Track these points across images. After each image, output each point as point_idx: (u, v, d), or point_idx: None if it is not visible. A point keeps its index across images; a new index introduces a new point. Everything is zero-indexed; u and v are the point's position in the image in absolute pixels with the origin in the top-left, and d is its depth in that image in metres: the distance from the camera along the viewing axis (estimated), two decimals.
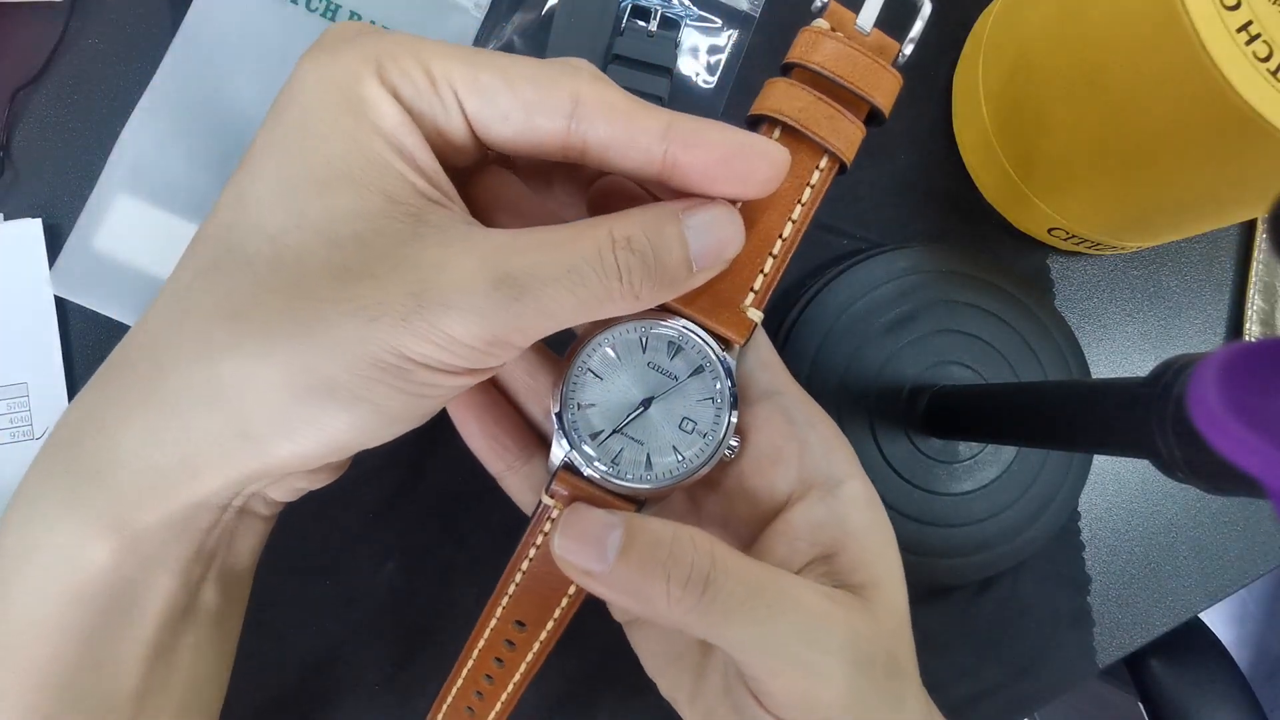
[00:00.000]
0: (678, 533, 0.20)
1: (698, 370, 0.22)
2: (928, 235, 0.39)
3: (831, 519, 0.22)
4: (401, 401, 0.18)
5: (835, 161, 0.21)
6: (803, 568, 0.22)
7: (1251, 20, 0.25)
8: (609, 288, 0.18)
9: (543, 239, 0.18)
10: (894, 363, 0.35)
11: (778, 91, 0.21)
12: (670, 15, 0.37)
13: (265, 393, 0.18)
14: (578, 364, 0.22)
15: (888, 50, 0.21)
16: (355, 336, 0.17)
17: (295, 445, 0.18)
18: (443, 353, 0.18)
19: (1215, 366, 0.15)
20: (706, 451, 0.22)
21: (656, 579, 0.19)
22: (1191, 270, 0.41)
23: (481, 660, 0.24)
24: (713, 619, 0.19)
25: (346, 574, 0.36)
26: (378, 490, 0.36)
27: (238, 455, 0.18)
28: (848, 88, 0.21)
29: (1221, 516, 0.40)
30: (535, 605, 0.23)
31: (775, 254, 0.21)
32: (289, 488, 0.22)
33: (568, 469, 0.22)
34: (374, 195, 0.18)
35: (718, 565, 0.19)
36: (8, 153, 0.35)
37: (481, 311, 0.17)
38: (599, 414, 0.22)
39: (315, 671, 0.36)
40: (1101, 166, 0.33)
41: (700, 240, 0.19)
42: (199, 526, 0.20)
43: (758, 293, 0.22)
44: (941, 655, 0.38)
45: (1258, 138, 0.25)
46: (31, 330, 0.34)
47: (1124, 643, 0.40)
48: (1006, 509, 0.36)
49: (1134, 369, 0.41)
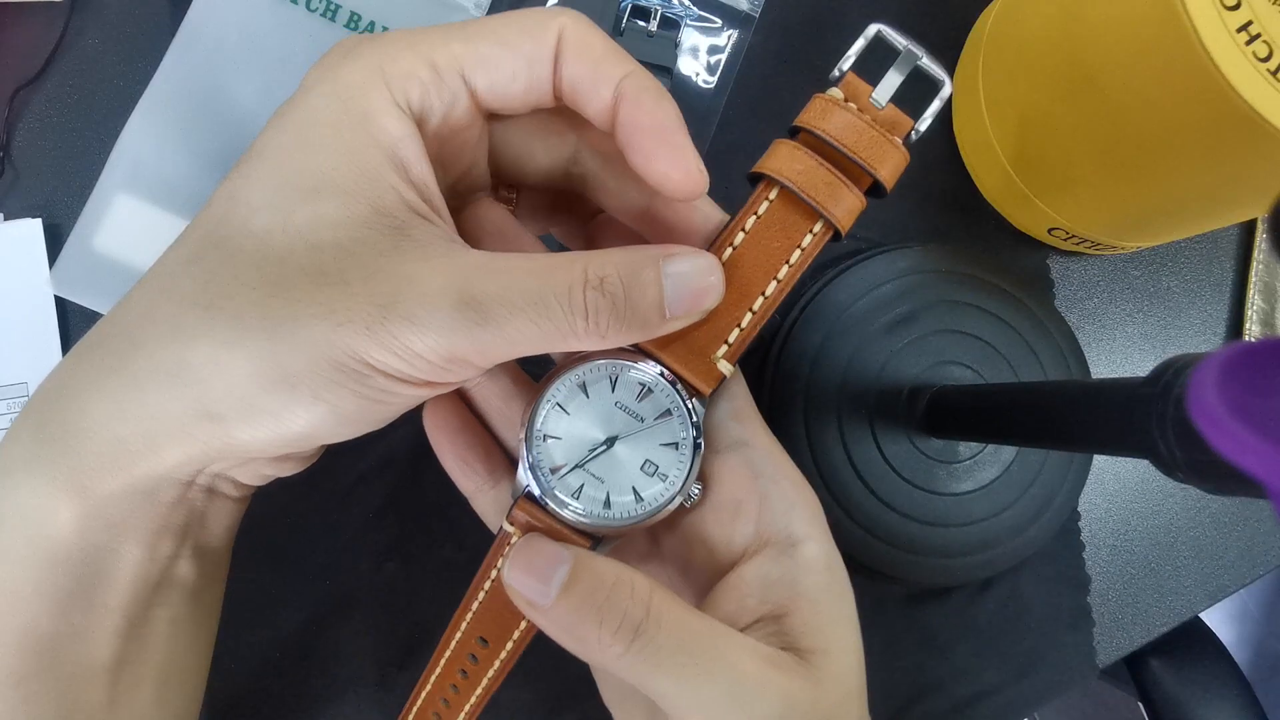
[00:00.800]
0: (620, 577, 0.20)
1: (665, 414, 0.22)
2: (928, 235, 0.39)
3: (784, 579, 0.22)
4: (358, 405, 0.19)
5: (829, 229, 0.21)
6: (750, 625, 0.22)
7: (1251, 20, 0.25)
8: (573, 325, 0.19)
9: (518, 265, 0.19)
10: (894, 363, 0.35)
11: (781, 153, 0.21)
12: (670, 15, 0.37)
13: (231, 378, 0.18)
14: (546, 396, 0.22)
15: (900, 126, 0.21)
16: (322, 338, 0.18)
17: (255, 432, 0.19)
18: (402, 363, 0.18)
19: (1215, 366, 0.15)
20: (665, 496, 0.22)
21: (590, 622, 0.19)
22: (1191, 270, 0.41)
23: (447, 671, 0.24)
24: (640, 669, 0.19)
25: (346, 574, 0.36)
26: (378, 490, 0.36)
27: (198, 434, 0.19)
28: (853, 159, 0.21)
29: (1221, 516, 0.40)
30: (496, 624, 0.23)
31: (755, 310, 0.21)
32: (254, 473, 0.22)
33: (529, 498, 0.22)
34: (361, 205, 0.19)
35: (652, 616, 0.19)
36: (8, 153, 0.35)
37: (442, 330, 0.18)
38: (562, 448, 0.22)
39: (316, 671, 0.36)
40: (1101, 166, 0.33)
41: (677, 288, 0.20)
42: (163, 500, 0.20)
43: (731, 345, 0.21)
44: (941, 655, 0.38)
45: (1258, 138, 0.25)
46: (31, 330, 0.34)
47: (1124, 643, 0.40)
48: (1006, 509, 0.36)
49: (1134, 369, 0.41)
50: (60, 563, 0.19)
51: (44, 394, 0.20)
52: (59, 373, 0.20)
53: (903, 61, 0.21)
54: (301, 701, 0.36)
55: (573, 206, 0.26)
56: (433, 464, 0.39)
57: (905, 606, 0.38)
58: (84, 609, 0.20)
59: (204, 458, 0.19)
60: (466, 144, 0.22)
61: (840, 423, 0.35)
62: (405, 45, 0.20)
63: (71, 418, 0.19)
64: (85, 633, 0.20)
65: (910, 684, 0.38)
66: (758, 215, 0.21)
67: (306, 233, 0.18)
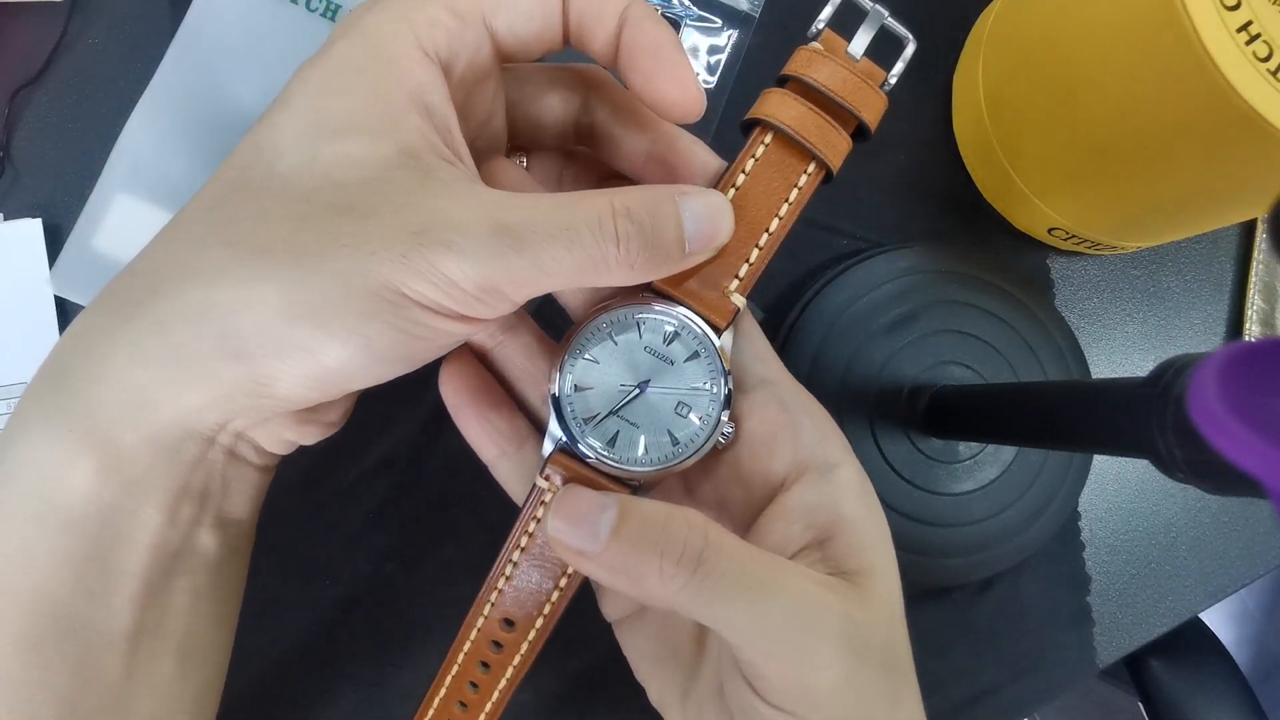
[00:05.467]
0: (671, 512, 0.20)
1: (693, 356, 0.22)
2: (928, 235, 0.39)
3: (826, 502, 0.22)
4: (392, 339, 0.18)
5: (822, 169, 0.23)
6: (797, 553, 0.22)
7: (1251, 20, 0.25)
8: (605, 252, 0.19)
9: (545, 199, 0.19)
10: (894, 363, 0.35)
11: (773, 100, 0.22)
12: (670, 15, 0.37)
13: (259, 314, 0.18)
14: (574, 346, 0.22)
15: (875, 76, 0.23)
16: (353, 269, 0.17)
17: (285, 369, 0.18)
18: (438, 292, 0.18)
19: (1215, 366, 0.15)
20: (701, 436, 0.22)
21: (649, 557, 0.19)
22: (1191, 270, 0.41)
23: (466, 666, 0.23)
24: (706, 597, 0.19)
25: (346, 574, 0.36)
26: (378, 490, 0.36)
27: (224, 375, 0.18)
28: (839, 103, 0.22)
29: (1221, 516, 0.40)
30: (524, 600, 0.23)
31: (761, 245, 0.22)
32: (277, 436, 0.21)
33: (562, 452, 0.22)
34: (387, 146, 0.19)
35: (711, 543, 0.19)
36: (8, 153, 0.35)
37: (478, 255, 0.18)
38: (595, 396, 0.22)
39: (316, 671, 0.36)
40: (1101, 166, 0.33)
41: (695, 223, 0.20)
42: (183, 458, 0.20)
43: (742, 279, 0.22)
44: (941, 655, 0.38)
45: (1258, 138, 0.25)
46: (31, 330, 0.34)
47: (1124, 643, 0.40)
48: (1006, 509, 0.36)
49: (1134, 369, 0.41)
50: (76, 523, 0.19)
51: (62, 346, 0.19)
52: (77, 324, 0.19)
53: (871, 20, 0.23)
54: (301, 701, 0.36)
55: (580, 175, 0.27)
56: (433, 463, 0.39)
57: (905, 606, 0.38)
58: (100, 573, 0.19)
59: (229, 405, 0.19)
60: (486, 94, 0.23)
61: (840, 423, 0.35)
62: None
63: (91, 366, 0.19)
64: (102, 598, 0.19)
65: None
66: (755, 158, 0.23)
67: (333, 171, 0.18)
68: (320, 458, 0.37)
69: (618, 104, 0.24)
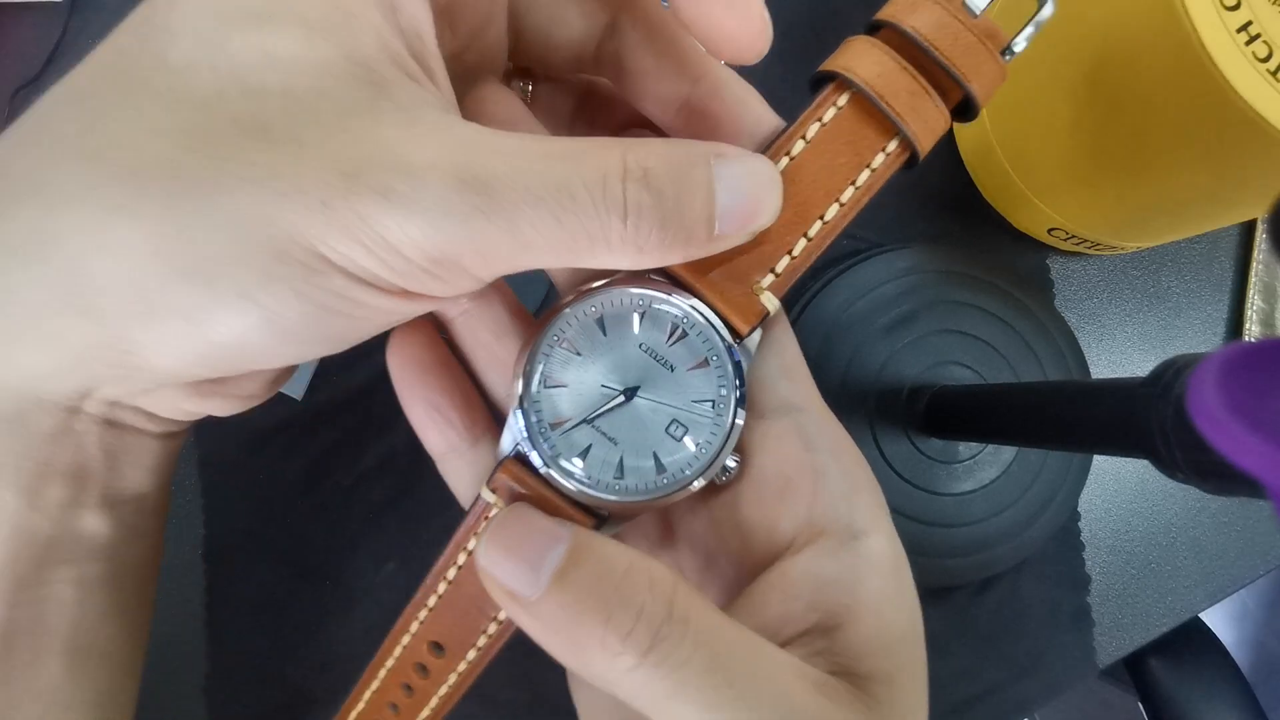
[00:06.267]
0: (635, 564, 0.15)
1: (701, 363, 0.18)
2: (928, 235, 0.39)
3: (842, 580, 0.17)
4: (304, 313, 0.14)
5: (906, 148, 0.18)
6: (795, 638, 0.17)
7: (1251, 20, 0.24)
8: (606, 227, 0.14)
9: (536, 145, 0.14)
10: (894, 363, 0.35)
11: (855, 49, 0.17)
12: None
13: (119, 259, 0.13)
14: (552, 331, 0.18)
15: (997, 39, 0.18)
16: (255, 213, 0.13)
17: (156, 338, 0.14)
18: (370, 258, 0.13)
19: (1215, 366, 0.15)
20: (695, 467, 0.17)
21: (593, 621, 0.14)
22: (1191, 270, 0.41)
23: (387, 685, 0.19)
24: (656, 689, 0.14)
25: (347, 574, 0.36)
26: (378, 490, 0.36)
27: (70, 337, 0.14)
28: (943, 63, 0.17)
29: (1221, 516, 0.40)
30: (457, 625, 0.18)
31: (810, 236, 0.17)
32: (170, 404, 0.17)
33: (518, 460, 0.17)
34: (327, 46, 0.14)
35: (675, 617, 0.15)
36: None
37: (433, 213, 0.13)
38: (569, 398, 0.17)
39: (316, 671, 0.36)
40: (1101, 166, 0.33)
41: (730, 196, 0.15)
42: (35, 430, 0.15)
43: (779, 276, 0.17)
44: (941, 655, 0.38)
45: (1258, 138, 0.25)
46: None
47: (1124, 643, 0.40)
48: (1006, 509, 0.36)
49: (1134, 369, 0.41)
50: None
51: None
52: None
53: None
54: (301, 701, 0.36)
55: (596, 115, 0.22)
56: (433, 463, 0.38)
57: None
58: None
59: (86, 372, 0.15)
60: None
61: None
62: None
63: None
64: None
65: None
66: (822, 123, 0.17)
67: (245, 73, 0.13)
68: (320, 458, 0.37)
69: (654, 29, 0.19)
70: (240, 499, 0.37)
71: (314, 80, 0.14)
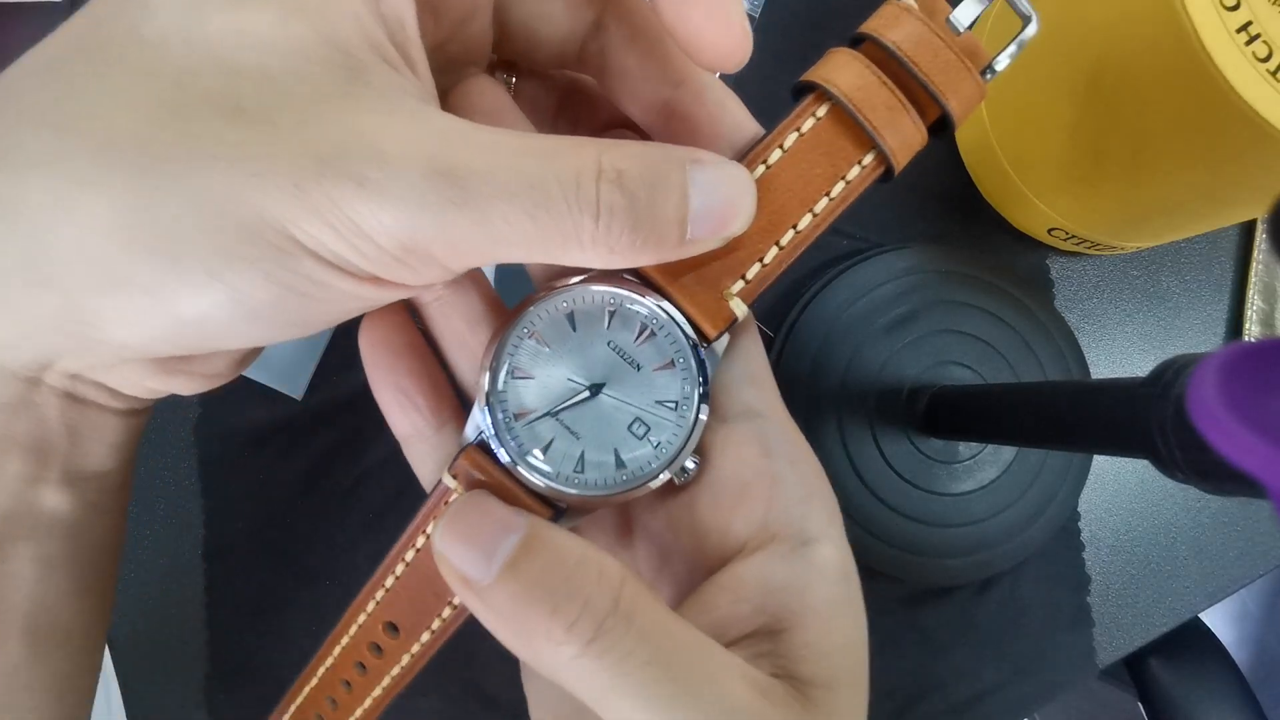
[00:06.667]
0: (585, 556, 0.16)
1: (667, 364, 0.18)
2: (928, 235, 0.39)
3: (791, 584, 0.17)
4: (272, 295, 0.14)
5: (881, 162, 0.18)
6: (740, 639, 0.17)
7: (1251, 20, 0.25)
8: (579, 225, 0.14)
9: (511, 141, 0.15)
10: (894, 363, 0.35)
11: (836, 61, 0.18)
12: None
13: (83, 230, 0.13)
14: (522, 322, 0.18)
15: (978, 57, 0.18)
16: (226, 190, 0.13)
17: (117, 311, 0.14)
18: (341, 243, 0.14)
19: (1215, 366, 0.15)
20: (653, 467, 0.18)
21: (539, 609, 0.15)
22: (1191, 270, 0.41)
23: (341, 662, 0.20)
24: (597, 680, 0.15)
25: (347, 574, 0.36)
26: (378, 490, 0.36)
27: (29, 303, 0.14)
28: (921, 79, 0.17)
29: (1221, 516, 0.41)
30: (413, 607, 0.19)
31: (782, 244, 0.18)
32: (131, 380, 0.17)
33: (480, 448, 0.18)
34: (304, 28, 0.14)
35: (621, 610, 0.15)
36: None
37: (404, 203, 0.13)
38: (534, 389, 0.18)
39: None
40: (1101, 166, 0.33)
41: (704, 201, 0.16)
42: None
43: (749, 282, 0.18)
44: (941, 655, 0.38)
45: (1258, 138, 0.25)
46: None
47: (1124, 643, 0.40)
48: (1006, 509, 0.36)
49: (1134, 369, 0.41)
50: None
51: None
52: None
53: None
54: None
55: (579, 112, 0.22)
56: None
57: (905, 606, 0.38)
58: None
59: (45, 343, 0.15)
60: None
61: (840, 423, 0.35)
62: None
63: None
64: None
65: (910, 684, 0.38)
66: (800, 132, 0.18)
67: (222, 51, 0.13)
68: (320, 458, 0.37)
69: (639, 30, 0.19)
70: (240, 499, 0.37)
71: (290, 62, 0.14)
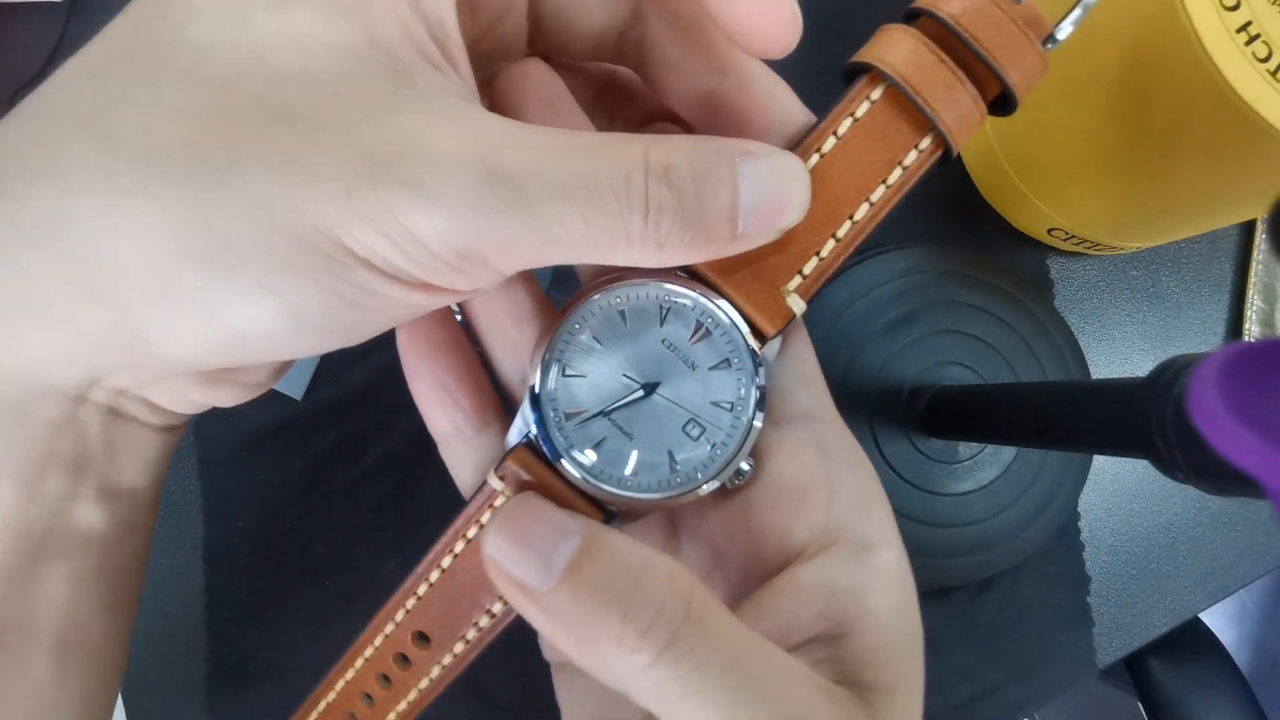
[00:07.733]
0: (651, 561, 0.15)
1: (722, 363, 0.17)
2: (928, 235, 0.39)
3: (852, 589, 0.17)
4: (324, 305, 0.14)
5: (940, 144, 0.17)
6: (802, 644, 0.17)
7: (1251, 20, 0.25)
8: (628, 223, 0.14)
9: (558, 140, 0.14)
10: (894, 363, 0.35)
11: (890, 39, 0.17)
12: None
13: (140, 244, 0.13)
14: (574, 319, 0.17)
15: (1039, 26, 0.17)
16: (278, 200, 0.13)
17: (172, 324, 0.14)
18: (394, 250, 0.13)
19: (1215, 366, 0.15)
20: (710, 469, 0.17)
21: (609, 616, 0.14)
22: (1191, 270, 0.41)
23: (363, 674, 0.19)
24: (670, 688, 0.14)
25: (347, 574, 0.36)
26: (378, 490, 0.36)
27: (85, 320, 0.14)
28: (981, 54, 0.16)
29: (1221, 516, 0.41)
30: (447, 615, 0.18)
31: (839, 236, 0.17)
32: (176, 395, 0.17)
33: (529, 448, 0.17)
34: (350, 29, 0.14)
35: (694, 617, 0.14)
36: None
37: (460, 206, 0.13)
38: (587, 389, 0.17)
39: (316, 672, 0.36)
40: (1101, 166, 0.33)
41: (755, 194, 0.15)
42: (40, 418, 0.15)
43: (807, 278, 0.17)
44: (941, 655, 0.38)
45: (1258, 138, 0.25)
46: None
47: (1124, 643, 0.40)
48: (1006, 509, 0.36)
49: (1134, 369, 0.41)
50: None
51: None
52: None
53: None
54: (301, 701, 0.36)
55: (616, 106, 0.21)
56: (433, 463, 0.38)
57: None
58: None
59: (97, 360, 0.14)
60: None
61: None
62: None
63: None
64: None
65: None
66: (855, 118, 0.17)
67: (267, 54, 0.13)
68: (320, 458, 0.37)
69: (680, 18, 0.18)
70: (240, 499, 0.37)
71: (337, 64, 0.13)
